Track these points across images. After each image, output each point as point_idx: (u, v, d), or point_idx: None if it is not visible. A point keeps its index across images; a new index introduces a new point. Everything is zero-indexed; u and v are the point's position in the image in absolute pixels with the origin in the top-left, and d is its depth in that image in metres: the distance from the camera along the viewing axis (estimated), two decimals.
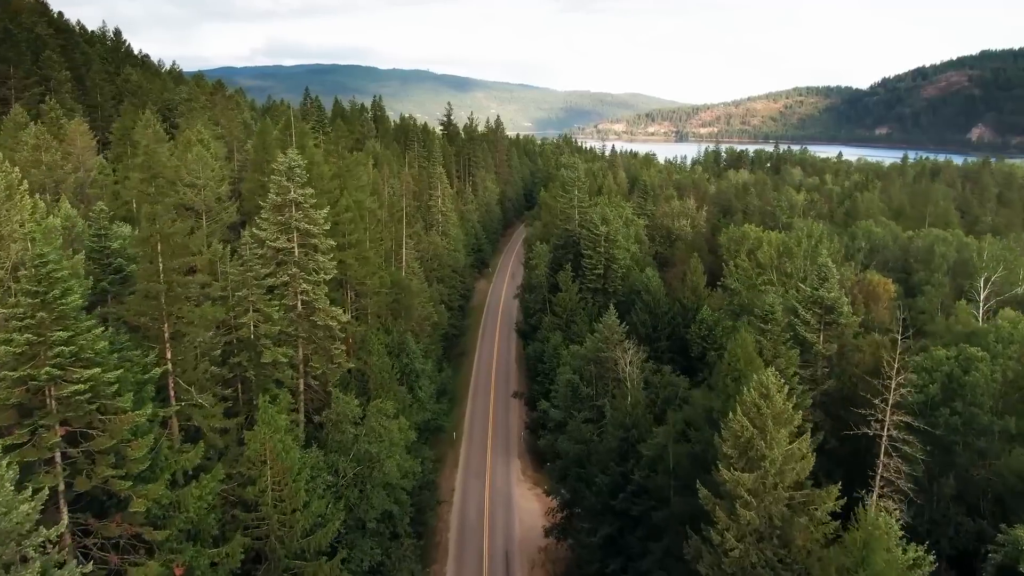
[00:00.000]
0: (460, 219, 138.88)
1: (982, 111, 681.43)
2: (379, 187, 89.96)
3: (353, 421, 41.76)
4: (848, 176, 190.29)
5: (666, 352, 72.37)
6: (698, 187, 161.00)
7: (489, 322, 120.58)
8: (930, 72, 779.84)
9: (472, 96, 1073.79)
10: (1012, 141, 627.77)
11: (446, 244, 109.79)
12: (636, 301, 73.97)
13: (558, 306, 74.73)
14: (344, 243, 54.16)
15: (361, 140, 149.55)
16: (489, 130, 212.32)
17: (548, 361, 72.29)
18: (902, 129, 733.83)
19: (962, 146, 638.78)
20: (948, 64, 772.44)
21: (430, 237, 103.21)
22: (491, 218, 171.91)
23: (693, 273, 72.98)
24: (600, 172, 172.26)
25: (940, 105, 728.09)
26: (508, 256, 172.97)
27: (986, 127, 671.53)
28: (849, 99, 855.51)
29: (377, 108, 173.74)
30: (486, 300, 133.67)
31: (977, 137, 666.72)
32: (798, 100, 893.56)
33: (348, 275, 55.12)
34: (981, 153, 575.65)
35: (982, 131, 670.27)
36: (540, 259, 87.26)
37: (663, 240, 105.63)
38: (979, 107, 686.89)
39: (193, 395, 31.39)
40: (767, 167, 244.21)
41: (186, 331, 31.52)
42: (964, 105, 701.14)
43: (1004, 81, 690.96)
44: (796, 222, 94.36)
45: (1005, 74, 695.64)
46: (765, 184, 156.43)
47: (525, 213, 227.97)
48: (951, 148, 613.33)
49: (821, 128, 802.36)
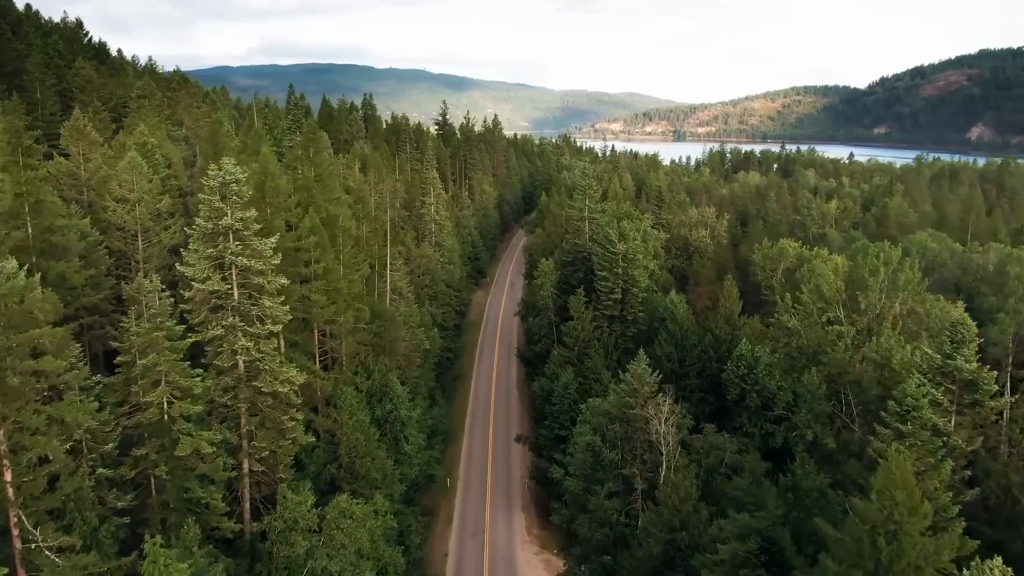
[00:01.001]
0: (456, 226, 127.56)
1: (981, 110, 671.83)
2: (365, 195, 78.83)
3: (307, 529, 30.46)
4: (867, 179, 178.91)
5: (696, 391, 61.27)
6: (710, 191, 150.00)
7: (487, 341, 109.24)
8: (929, 71, 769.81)
9: (469, 95, 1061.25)
10: (1012, 140, 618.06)
11: (440, 256, 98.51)
12: (660, 330, 62.83)
13: (568, 336, 63.45)
14: (309, 275, 42.91)
15: (349, 141, 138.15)
16: (486, 130, 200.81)
17: (558, 402, 61.13)
18: (901, 128, 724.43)
19: (962, 145, 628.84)
20: (947, 63, 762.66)
21: (422, 250, 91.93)
22: (489, 223, 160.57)
23: (726, 298, 61.82)
24: (604, 175, 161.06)
25: (939, 104, 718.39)
26: (507, 263, 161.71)
27: (986, 126, 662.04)
28: (847, 98, 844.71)
29: (368, 107, 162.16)
30: (484, 314, 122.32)
31: (977, 136, 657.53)
32: (796, 99, 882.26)
33: (313, 313, 43.82)
34: (981, 152, 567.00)
35: (982, 130, 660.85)
36: (545, 277, 75.88)
37: (679, 252, 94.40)
38: (978, 106, 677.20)
39: (38, 538, 20.07)
40: (774, 168, 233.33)
41: (29, 443, 20.21)
42: (963, 104, 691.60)
43: (1003, 80, 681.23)
44: (831, 234, 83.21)
45: (1004, 73, 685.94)
46: (781, 188, 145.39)
47: (524, 217, 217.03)
48: (951, 148, 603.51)
49: (819, 128, 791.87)
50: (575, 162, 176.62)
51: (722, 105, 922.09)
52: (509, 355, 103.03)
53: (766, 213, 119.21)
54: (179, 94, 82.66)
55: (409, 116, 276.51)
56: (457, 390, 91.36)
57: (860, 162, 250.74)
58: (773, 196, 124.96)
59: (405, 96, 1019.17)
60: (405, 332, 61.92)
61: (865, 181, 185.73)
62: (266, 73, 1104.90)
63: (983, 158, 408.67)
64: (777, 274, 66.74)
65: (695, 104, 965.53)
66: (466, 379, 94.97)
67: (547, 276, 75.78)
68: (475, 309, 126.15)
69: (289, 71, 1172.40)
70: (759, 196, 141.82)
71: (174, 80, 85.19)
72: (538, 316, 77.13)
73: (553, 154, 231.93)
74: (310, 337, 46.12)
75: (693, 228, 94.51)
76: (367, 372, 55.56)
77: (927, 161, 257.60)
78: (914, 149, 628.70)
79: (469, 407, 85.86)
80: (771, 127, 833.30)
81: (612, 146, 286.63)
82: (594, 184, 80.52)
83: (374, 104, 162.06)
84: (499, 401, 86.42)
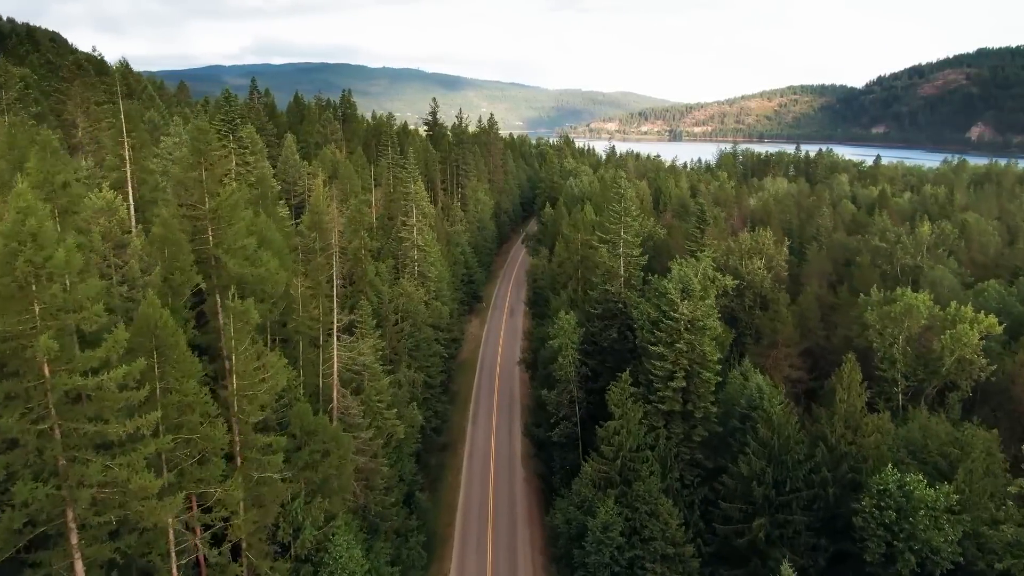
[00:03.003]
0: (446, 245, 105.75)
1: (981, 109, 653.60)
2: (323, 221, 56.74)
3: None
4: (912, 187, 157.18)
5: (802, 533, 39.94)
6: (740, 203, 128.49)
7: (483, 393, 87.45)
8: (927, 70, 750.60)
9: (463, 95, 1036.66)
10: (1014, 140, 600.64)
11: (424, 292, 76.75)
12: (744, 436, 41.47)
13: (606, 443, 41.79)
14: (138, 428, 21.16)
15: (322, 144, 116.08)
16: (481, 130, 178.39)
17: (595, 550, 39.56)
18: (899, 128, 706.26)
19: (962, 145, 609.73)
20: (945, 62, 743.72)
21: (401, 287, 70.10)
22: (485, 236, 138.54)
23: (847, 389, 40.33)
24: (615, 182, 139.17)
25: (938, 104, 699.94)
26: (505, 282, 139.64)
27: (986, 126, 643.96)
28: (844, 98, 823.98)
29: (347, 105, 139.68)
30: (479, 354, 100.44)
31: (977, 136, 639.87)
32: (792, 99, 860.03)
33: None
34: (982, 152, 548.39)
35: (982, 130, 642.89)
36: (564, 336, 53.99)
37: (729, 292, 72.56)
38: (978, 105, 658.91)
39: None
40: (790, 172, 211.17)
41: None
42: (962, 104, 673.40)
43: (1003, 79, 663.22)
44: (939, 273, 61.80)
45: (1004, 72, 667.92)
46: (821, 198, 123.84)
47: (522, 224, 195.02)
48: (951, 147, 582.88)
49: (817, 127, 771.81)
50: (580, 167, 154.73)
51: (718, 104, 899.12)
52: (511, 413, 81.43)
53: (817, 232, 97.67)
54: (73, 86, 60.48)
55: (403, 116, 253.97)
56: (445, 467, 69.67)
57: (888, 164, 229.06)
58: (828, 212, 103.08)
59: (399, 95, 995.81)
60: (358, 443, 40.20)
61: (909, 188, 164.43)
62: (258, 73, 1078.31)
63: (985, 158, 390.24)
64: (898, 342, 45.47)
65: (691, 103, 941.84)
66: (456, 449, 73.28)
67: (566, 335, 53.78)
68: (469, 344, 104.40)
69: (282, 70, 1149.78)
70: (799, 209, 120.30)
71: (69, 67, 62.36)
72: (554, 388, 55.26)
73: (554, 157, 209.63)
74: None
75: (745, 258, 72.92)
76: (294, 529, 33.83)
77: (952, 162, 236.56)
78: (913, 149, 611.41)
79: (460, 497, 64.10)
80: (768, 126, 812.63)
81: (614, 146, 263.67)
82: (633, 208, 58.36)
83: (354, 102, 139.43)
84: (500, 488, 64.72)
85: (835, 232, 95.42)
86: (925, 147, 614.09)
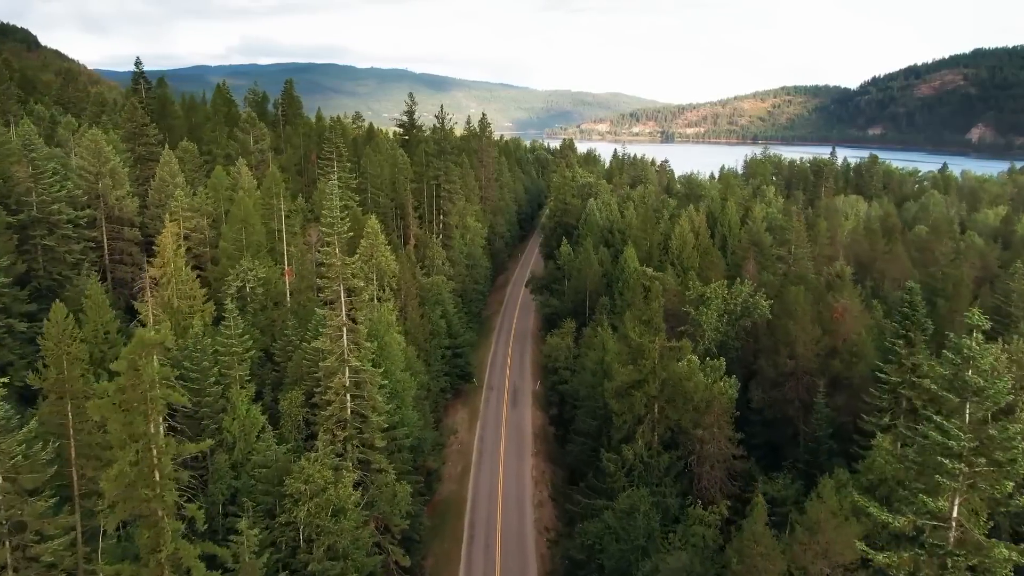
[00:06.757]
0: (417, 318, 68.36)
1: (981, 111, 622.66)
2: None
3: None
4: (978, 200, 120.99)
5: None
6: (816, 237, 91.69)
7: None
8: (923, 71, 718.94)
9: (451, 95, 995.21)
10: (1016, 141, 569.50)
11: (370, 424, 39.62)
12: None
13: None
14: None
15: (234, 157, 77.93)
16: (471, 134, 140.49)
17: None
18: (896, 129, 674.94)
19: (963, 146, 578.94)
20: (941, 63, 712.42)
21: (316, 468, 33.01)
22: (476, 276, 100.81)
23: None
24: (651, 205, 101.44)
25: (936, 104, 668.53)
26: (504, 336, 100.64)
27: (987, 127, 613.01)
28: (839, 99, 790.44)
29: (289, 102, 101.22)
30: (468, 489, 62.65)
31: (978, 137, 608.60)
32: (786, 100, 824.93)
33: None
34: (984, 154, 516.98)
35: (982, 131, 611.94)
36: None
37: None
38: (977, 106, 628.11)
39: None
40: (831, 183, 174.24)
41: None
42: (961, 104, 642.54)
43: (1001, 80, 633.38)
44: None
45: (1002, 73, 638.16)
46: (941, 231, 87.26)
47: (519, 247, 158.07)
48: (951, 149, 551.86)
49: (811, 128, 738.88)
50: (599, 182, 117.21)
51: (711, 105, 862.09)
52: None
53: (948, 290, 60.59)
54: None
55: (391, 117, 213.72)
56: None
57: (928, 171, 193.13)
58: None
59: (386, 96, 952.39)
60: None
61: (976, 200, 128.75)
62: (244, 72, 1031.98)
63: (990, 161, 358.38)
64: None
65: (683, 104, 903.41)
66: None
67: None
68: (453, 464, 66.60)
69: (269, 70, 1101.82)
70: (910, 246, 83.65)
71: None
72: None
73: (556, 164, 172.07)
74: None
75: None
76: None
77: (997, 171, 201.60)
78: (912, 151, 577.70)
79: None
80: (762, 128, 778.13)
81: (633, 153, 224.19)
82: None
83: (298, 97, 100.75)
84: None
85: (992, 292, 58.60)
86: (925, 149, 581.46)
